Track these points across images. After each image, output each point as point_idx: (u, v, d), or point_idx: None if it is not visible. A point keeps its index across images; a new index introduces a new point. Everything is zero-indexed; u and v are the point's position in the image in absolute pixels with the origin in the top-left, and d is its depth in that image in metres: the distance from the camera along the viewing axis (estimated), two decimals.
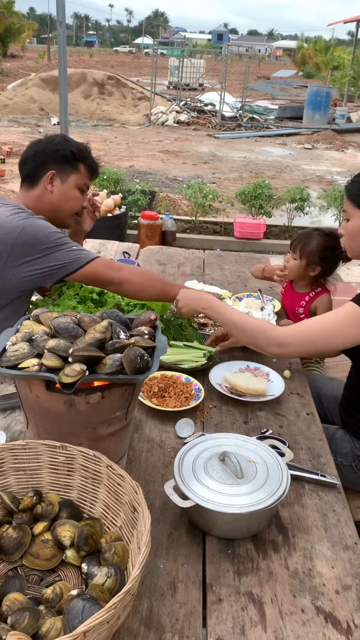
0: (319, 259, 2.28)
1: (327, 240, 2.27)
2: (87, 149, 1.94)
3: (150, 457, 1.41)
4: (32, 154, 1.87)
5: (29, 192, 1.88)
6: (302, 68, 38.38)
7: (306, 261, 2.29)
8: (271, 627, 0.99)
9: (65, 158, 1.86)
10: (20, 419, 1.51)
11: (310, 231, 2.35)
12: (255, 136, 14.19)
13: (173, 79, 19.39)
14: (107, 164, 9.01)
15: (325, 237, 2.28)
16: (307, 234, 2.33)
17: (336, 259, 2.29)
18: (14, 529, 1.05)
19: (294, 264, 2.33)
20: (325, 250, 2.26)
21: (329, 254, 2.27)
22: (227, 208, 6.84)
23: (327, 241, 2.27)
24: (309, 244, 2.28)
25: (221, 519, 1.14)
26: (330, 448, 1.54)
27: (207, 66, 19.63)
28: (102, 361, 1.11)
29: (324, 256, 2.27)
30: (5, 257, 1.67)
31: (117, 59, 51.20)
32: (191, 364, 1.79)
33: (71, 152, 1.87)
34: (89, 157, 1.93)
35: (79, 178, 1.89)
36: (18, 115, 14.84)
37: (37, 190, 1.86)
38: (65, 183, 1.87)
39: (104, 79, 17.14)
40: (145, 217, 5.68)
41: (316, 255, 2.27)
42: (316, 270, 2.31)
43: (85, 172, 1.92)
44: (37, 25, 46.77)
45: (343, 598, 1.06)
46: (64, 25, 4.83)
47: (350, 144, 13.57)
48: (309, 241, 2.28)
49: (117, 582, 0.93)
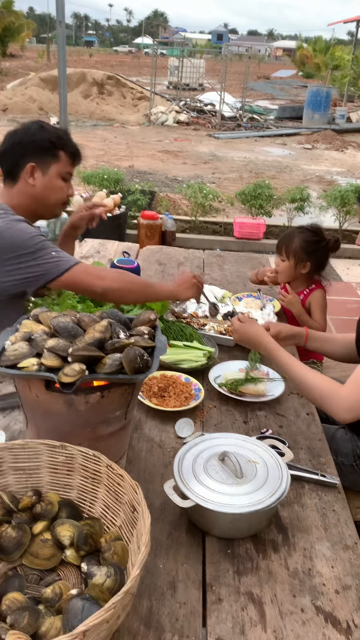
0: (306, 254, 2.31)
1: (309, 235, 2.31)
2: (67, 134, 1.85)
3: (150, 457, 1.41)
4: (9, 147, 1.78)
5: (11, 187, 1.80)
6: (301, 68, 38.37)
7: (294, 260, 2.32)
8: (271, 627, 0.99)
9: (44, 148, 1.76)
10: (19, 418, 1.51)
11: (291, 231, 2.39)
12: (255, 136, 14.18)
13: (173, 79, 19.38)
14: (107, 163, 9.01)
15: (307, 233, 2.32)
16: (288, 235, 2.37)
17: (323, 250, 2.32)
18: (13, 528, 1.05)
19: (283, 266, 2.36)
20: (310, 245, 2.30)
21: (314, 248, 2.31)
22: (227, 208, 6.84)
23: (309, 236, 2.31)
24: (292, 243, 2.31)
25: (221, 518, 1.14)
26: (331, 448, 1.54)
27: (207, 66, 19.64)
28: (101, 361, 1.11)
29: (309, 250, 2.30)
30: None
31: (116, 58, 51.17)
32: (191, 364, 1.79)
33: (49, 141, 1.77)
34: (68, 142, 1.83)
35: (60, 167, 1.80)
36: (17, 115, 14.83)
37: (19, 185, 1.78)
38: (46, 174, 1.78)
39: (103, 79, 17.14)
40: (145, 217, 5.68)
41: (302, 252, 2.30)
42: (307, 266, 2.33)
43: (67, 159, 1.82)
44: (36, 25, 46.77)
45: (343, 598, 1.06)
46: (64, 25, 4.83)
47: (350, 144, 13.57)
48: (291, 240, 2.32)
49: (117, 581, 0.93)
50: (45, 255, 1.63)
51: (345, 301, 4.50)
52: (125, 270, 1.83)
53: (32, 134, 1.77)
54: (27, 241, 1.62)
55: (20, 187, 1.78)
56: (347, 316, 4.12)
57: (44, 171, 1.77)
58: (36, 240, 1.63)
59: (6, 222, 1.65)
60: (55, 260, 1.64)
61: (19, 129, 1.80)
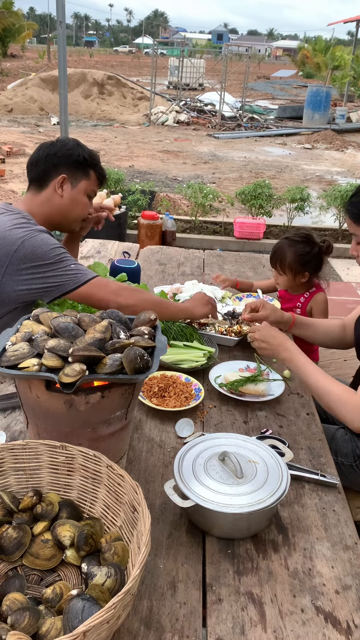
0: (302, 266, 2.31)
1: (299, 248, 2.29)
2: (97, 156, 1.93)
3: (150, 457, 1.41)
4: (44, 156, 1.82)
5: (36, 195, 1.83)
6: (302, 68, 38.37)
7: (292, 274, 2.32)
8: (271, 627, 0.99)
9: (78, 163, 1.83)
10: (20, 418, 1.51)
11: (281, 244, 2.35)
12: (255, 136, 14.19)
13: (173, 78, 19.40)
14: (107, 164, 9.02)
15: (297, 245, 2.30)
16: (279, 249, 2.34)
17: (318, 257, 2.31)
18: (13, 528, 1.05)
19: (283, 280, 2.37)
20: (303, 257, 2.29)
21: (308, 259, 2.30)
22: (227, 208, 6.84)
23: (300, 249, 2.29)
24: (285, 258, 2.31)
25: (221, 518, 1.14)
26: (331, 448, 1.54)
27: (207, 66, 19.63)
28: (102, 361, 1.11)
29: (304, 262, 2.30)
30: (3, 269, 1.63)
31: (117, 58, 51.20)
32: (191, 363, 1.79)
33: (84, 158, 1.84)
34: (99, 164, 1.91)
35: (88, 184, 1.87)
36: (18, 115, 14.84)
37: (46, 193, 1.82)
38: (75, 188, 1.84)
39: (103, 79, 17.15)
40: (145, 217, 5.68)
41: (297, 265, 2.30)
42: (305, 276, 2.35)
43: (95, 179, 1.90)
44: (37, 25, 46.76)
45: (343, 598, 1.06)
46: (64, 25, 4.83)
47: (350, 143, 13.58)
48: (283, 255, 2.31)
49: (117, 582, 0.93)
50: (64, 267, 1.65)
51: (345, 301, 4.50)
52: (140, 289, 1.83)
53: (68, 148, 1.83)
54: (48, 252, 1.64)
55: (47, 195, 1.82)
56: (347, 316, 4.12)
57: (74, 184, 1.83)
58: (57, 252, 1.66)
59: (28, 231, 1.66)
60: (73, 273, 1.65)
61: (56, 142, 1.86)
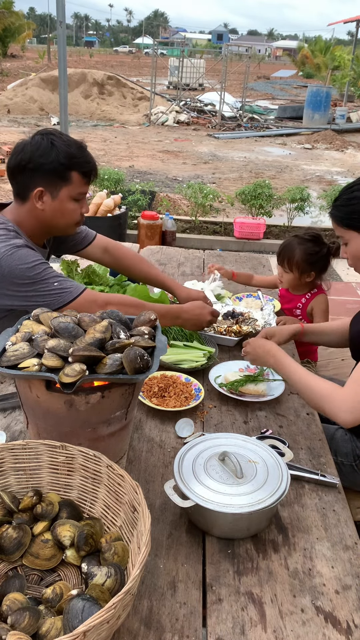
0: (309, 265, 2.29)
1: (309, 247, 2.28)
2: (81, 149, 1.68)
3: (150, 457, 1.41)
4: (16, 166, 1.63)
5: (21, 206, 1.69)
6: (302, 68, 38.39)
7: (298, 272, 2.31)
8: (271, 627, 0.99)
9: (53, 171, 1.61)
10: (20, 419, 1.51)
11: (290, 241, 2.34)
12: (255, 136, 14.19)
13: (173, 79, 19.39)
14: (107, 164, 9.02)
15: (306, 244, 2.29)
16: (288, 246, 2.33)
17: (325, 257, 2.31)
18: (14, 528, 1.05)
19: (287, 278, 2.35)
20: (312, 256, 2.28)
21: (317, 258, 2.28)
22: (227, 208, 6.84)
23: (309, 247, 2.28)
24: (293, 256, 2.29)
25: (221, 518, 1.14)
26: (331, 448, 1.54)
27: (207, 66, 19.63)
28: (102, 361, 1.11)
29: (312, 261, 2.29)
30: None
31: (117, 59, 51.21)
32: (191, 364, 1.79)
33: (59, 163, 1.61)
34: (81, 160, 1.66)
35: (71, 189, 1.66)
36: (18, 115, 14.84)
37: (28, 205, 1.67)
38: (56, 198, 1.65)
39: (104, 79, 17.15)
40: (145, 217, 5.68)
41: (304, 264, 2.29)
42: (311, 275, 2.33)
43: (80, 180, 1.67)
44: (37, 25, 46.77)
45: (343, 598, 1.06)
46: (64, 25, 4.83)
47: (350, 144, 13.57)
48: (292, 253, 2.29)
49: (117, 582, 0.93)
50: (47, 287, 1.55)
51: (345, 301, 4.50)
52: (129, 299, 1.71)
53: (40, 155, 1.60)
54: (26, 272, 1.54)
55: (30, 208, 1.67)
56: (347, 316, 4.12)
57: (54, 195, 1.65)
58: (36, 271, 1.55)
59: (6, 247, 1.55)
60: (57, 292, 1.56)
61: (28, 144, 1.63)
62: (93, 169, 1.71)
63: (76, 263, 2.27)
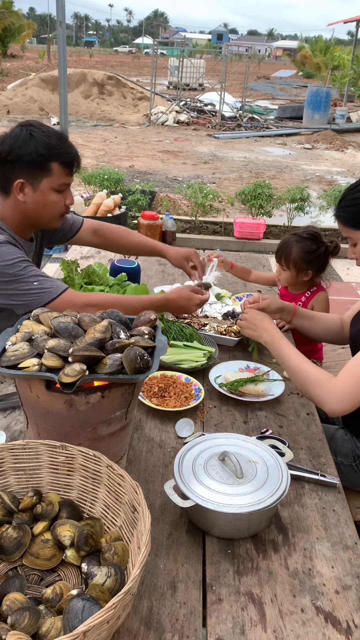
0: (306, 263, 2.29)
1: (306, 245, 2.28)
2: (61, 140, 1.66)
3: (150, 457, 1.41)
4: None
5: (4, 200, 1.69)
6: (301, 68, 38.40)
7: (295, 270, 2.31)
8: (271, 627, 0.99)
9: (33, 163, 1.61)
10: (20, 418, 1.51)
11: (288, 239, 2.34)
12: (255, 136, 14.19)
13: (173, 79, 19.38)
14: (107, 164, 9.02)
15: (304, 242, 2.28)
16: (286, 244, 2.33)
17: (323, 257, 2.30)
18: (14, 528, 1.05)
19: (285, 276, 2.35)
20: (309, 255, 2.28)
21: (314, 257, 2.28)
22: (227, 208, 6.84)
23: (306, 246, 2.28)
24: (290, 254, 2.29)
25: (221, 518, 1.14)
26: (331, 448, 1.54)
27: (207, 66, 19.62)
28: (102, 361, 1.11)
29: (309, 260, 2.29)
30: None
31: (117, 59, 51.21)
32: (191, 363, 1.79)
33: (38, 154, 1.60)
34: (61, 151, 1.64)
35: (53, 180, 1.64)
36: (18, 115, 14.84)
37: (11, 199, 1.67)
38: (37, 190, 1.64)
39: (103, 79, 17.15)
40: (145, 217, 5.68)
41: (302, 262, 2.29)
42: (308, 274, 2.33)
43: (61, 170, 1.65)
44: (36, 25, 46.80)
45: (343, 598, 1.06)
46: (64, 25, 4.83)
47: (350, 143, 13.57)
48: (289, 251, 2.29)
49: (117, 582, 0.93)
50: (26, 286, 1.55)
51: (345, 301, 4.51)
52: (109, 297, 1.71)
53: (19, 146, 1.60)
54: (6, 269, 1.54)
55: (12, 201, 1.67)
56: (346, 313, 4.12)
57: (35, 187, 1.64)
58: (16, 269, 1.55)
59: None
60: (36, 292, 1.56)
61: (7, 136, 1.63)
62: (74, 160, 1.70)
63: (76, 263, 2.27)
